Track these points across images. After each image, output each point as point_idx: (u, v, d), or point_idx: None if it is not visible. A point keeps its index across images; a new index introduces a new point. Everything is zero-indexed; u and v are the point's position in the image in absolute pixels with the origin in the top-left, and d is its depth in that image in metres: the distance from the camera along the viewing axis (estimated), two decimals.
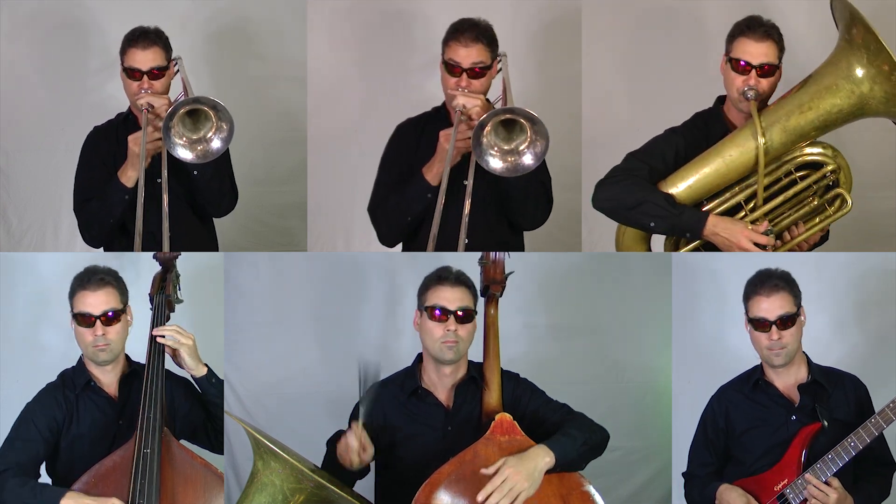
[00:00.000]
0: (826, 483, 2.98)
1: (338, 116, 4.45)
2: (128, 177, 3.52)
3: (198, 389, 3.15)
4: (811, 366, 3.17)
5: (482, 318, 3.09)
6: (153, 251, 3.37)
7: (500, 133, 3.24)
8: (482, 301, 3.12)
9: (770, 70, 3.32)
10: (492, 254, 3.12)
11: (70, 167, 3.73)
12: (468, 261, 3.17)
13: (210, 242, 3.80)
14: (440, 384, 3.11)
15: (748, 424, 3.17)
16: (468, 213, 3.30)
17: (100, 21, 4.42)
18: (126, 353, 3.18)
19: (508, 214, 3.53)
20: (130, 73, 3.58)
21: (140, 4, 4.24)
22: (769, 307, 3.09)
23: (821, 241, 3.50)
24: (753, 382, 3.19)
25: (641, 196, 3.32)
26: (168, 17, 3.96)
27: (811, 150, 3.34)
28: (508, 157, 3.23)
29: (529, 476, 2.83)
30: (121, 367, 3.16)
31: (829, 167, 3.33)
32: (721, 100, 3.48)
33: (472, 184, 3.33)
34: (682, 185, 3.36)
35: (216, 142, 3.40)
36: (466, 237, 3.39)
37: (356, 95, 4.46)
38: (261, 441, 2.83)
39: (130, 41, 3.59)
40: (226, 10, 4.48)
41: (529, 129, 3.21)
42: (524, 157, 3.22)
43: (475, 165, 3.31)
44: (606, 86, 4.38)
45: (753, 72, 3.30)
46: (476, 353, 3.12)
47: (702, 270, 3.77)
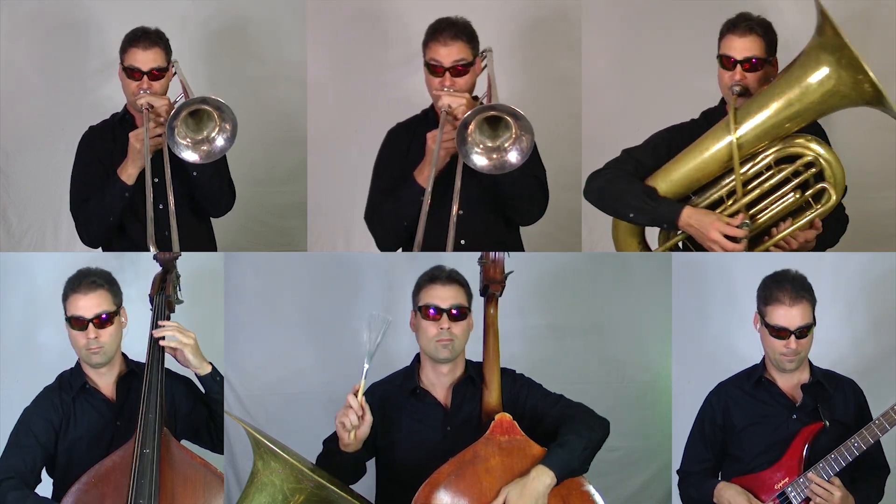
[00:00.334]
0: (829, 482, 2.98)
1: (338, 116, 4.45)
2: (128, 174, 3.52)
3: (199, 389, 3.16)
4: (813, 367, 3.17)
5: (482, 318, 3.10)
6: (159, 251, 3.37)
7: (486, 131, 3.24)
8: (482, 301, 3.12)
9: (756, 65, 3.34)
10: (491, 253, 3.12)
11: (70, 167, 3.72)
12: (468, 260, 3.17)
13: (208, 242, 3.80)
14: (438, 384, 3.11)
15: (748, 421, 3.17)
16: (457, 214, 3.28)
17: (99, 21, 4.42)
18: (123, 353, 3.19)
19: (505, 210, 3.53)
20: (130, 73, 3.58)
21: (139, 4, 4.24)
22: (791, 317, 3.08)
23: (829, 244, 3.49)
24: (755, 380, 3.19)
25: (622, 188, 3.37)
26: (167, 18, 3.97)
27: (792, 143, 3.31)
28: (493, 155, 3.24)
29: (534, 501, 2.84)
30: (118, 369, 3.16)
31: (806, 159, 3.30)
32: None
33: (464, 183, 3.32)
34: (667, 180, 3.39)
35: (220, 141, 3.40)
36: (462, 238, 3.39)
37: (356, 95, 4.46)
38: (261, 441, 2.83)
39: (132, 41, 3.59)
40: (225, 10, 4.48)
41: (514, 126, 3.21)
42: (509, 155, 3.23)
43: (466, 166, 3.31)
44: (606, 85, 4.38)
45: (738, 67, 3.34)
46: (476, 353, 3.12)
47: (702, 270, 3.77)
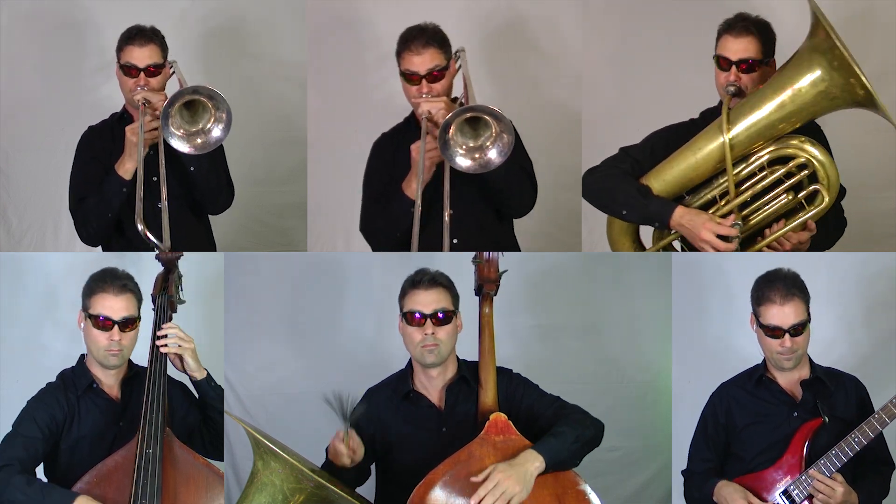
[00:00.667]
0: (831, 478, 2.99)
1: (338, 116, 4.45)
2: (125, 169, 3.52)
3: (193, 394, 3.16)
4: (813, 364, 3.17)
5: (476, 318, 3.09)
6: (151, 249, 3.37)
7: (467, 132, 3.26)
8: (476, 300, 3.12)
9: (752, 65, 3.34)
10: (485, 253, 3.12)
11: (70, 167, 3.72)
12: (461, 260, 3.17)
13: (207, 240, 3.80)
14: (430, 386, 3.11)
15: (749, 420, 3.17)
16: (450, 214, 3.30)
17: (97, 21, 4.41)
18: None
19: (496, 206, 3.53)
20: (127, 70, 3.58)
21: (137, 4, 4.23)
22: (784, 315, 3.08)
23: (826, 246, 3.49)
24: (756, 379, 3.19)
25: (616, 185, 3.39)
26: (166, 17, 3.97)
27: (786, 144, 3.31)
28: (476, 154, 3.25)
29: (521, 480, 2.83)
30: (123, 370, 3.16)
31: (799, 160, 3.30)
32: None
33: (452, 183, 3.33)
34: (660, 179, 3.39)
35: (215, 132, 3.40)
36: (454, 238, 3.39)
37: (356, 95, 4.45)
38: (261, 441, 2.83)
39: (127, 39, 3.60)
40: (223, 10, 4.47)
41: (493, 124, 3.22)
42: (490, 153, 3.24)
43: (451, 168, 3.32)
44: (606, 85, 4.38)
45: (734, 67, 3.34)
46: (471, 353, 3.11)
47: (702, 270, 3.77)
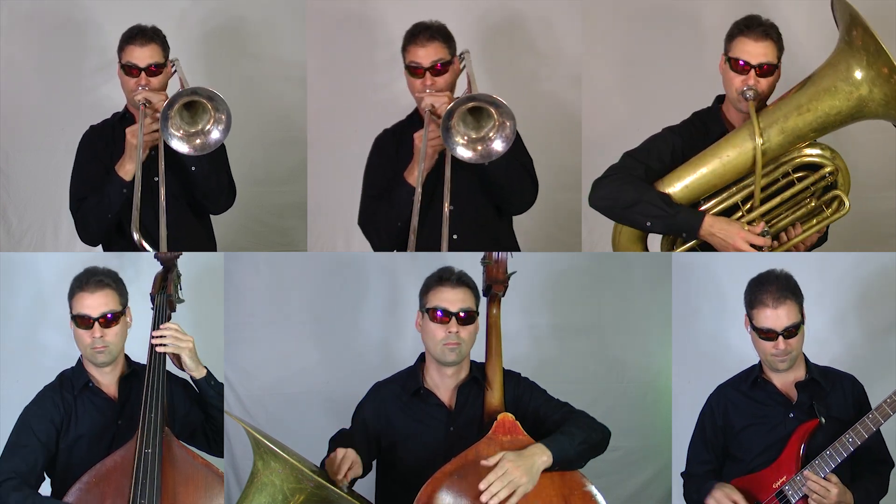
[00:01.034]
0: (825, 479, 2.99)
1: (338, 116, 4.45)
2: (126, 170, 3.52)
3: (196, 391, 3.16)
4: (809, 364, 3.17)
5: (484, 318, 3.10)
6: (153, 249, 3.37)
7: (469, 122, 3.26)
8: (484, 301, 3.12)
9: (769, 70, 3.31)
10: (494, 253, 3.13)
11: (70, 167, 3.72)
12: (470, 260, 3.17)
13: (208, 240, 3.80)
14: (442, 385, 3.11)
15: (746, 422, 3.17)
16: (450, 209, 3.31)
17: (98, 21, 4.42)
18: (126, 354, 3.19)
19: (496, 202, 3.53)
20: (128, 70, 3.58)
21: (138, 4, 4.23)
22: (777, 318, 3.07)
23: (819, 242, 3.50)
24: (752, 380, 3.19)
25: (638, 195, 3.32)
26: (166, 17, 3.96)
27: (809, 152, 3.33)
28: (478, 145, 3.26)
29: (528, 471, 2.84)
30: (120, 368, 3.16)
31: (827, 169, 3.32)
32: (720, 99, 3.48)
33: (453, 178, 3.34)
34: (679, 185, 3.36)
35: (214, 133, 3.40)
36: (454, 233, 3.39)
37: (356, 95, 4.46)
38: (261, 441, 2.82)
39: (129, 38, 3.60)
40: (223, 10, 4.48)
41: (495, 114, 3.23)
42: (494, 143, 3.24)
43: (454, 160, 3.33)
44: (606, 86, 4.38)
45: (752, 71, 3.30)
46: (478, 353, 3.12)
47: (702, 270, 3.77)
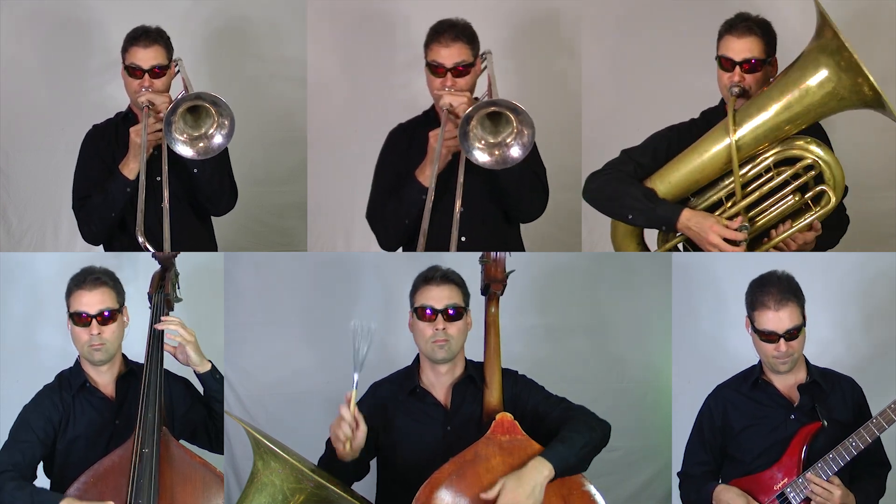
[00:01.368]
0: (828, 481, 2.98)
1: (338, 116, 4.45)
2: (130, 169, 3.53)
3: (197, 389, 3.17)
4: (809, 366, 3.17)
5: (482, 317, 3.09)
6: (153, 249, 3.37)
7: (487, 127, 3.25)
8: (483, 300, 3.12)
9: (755, 65, 3.32)
10: (493, 253, 3.12)
11: (70, 167, 3.73)
12: (469, 260, 3.17)
13: (209, 241, 3.80)
14: (438, 384, 3.11)
15: (747, 423, 3.16)
16: (460, 211, 3.30)
17: (101, 21, 4.42)
18: (123, 353, 3.19)
19: (506, 208, 3.53)
20: (132, 71, 3.58)
21: (140, 4, 4.24)
22: (778, 321, 3.06)
23: (830, 245, 3.49)
24: (752, 381, 3.18)
25: (621, 189, 3.36)
26: (168, 17, 3.96)
27: (792, 145, 3.30)
28: (495, 150, 3.25)
29: (530, 495, 2.82)
30: (117, 368, 3.17)
31: (806, 161, 3.29)
32: None
33: (466, 181, 3.34)
34: (665, 182, 3.38)
35: (218, 138, 3.41)
36: (463, 235, 3.39)
37: (356, 95, 4.46)
38: (261, 441, 2.82)
39: (133, 39, 3.60)
40: (225, 10, 4.48)
41: (515, 121, 3.22)
42: (511, 150, 3.24)
43: (467, 162, 3.32)
44: (606, 85, 4.38)
45: (737, 68, 3.32)
46: (476, 352, 3.12)
47: (702, 270, 3.77)
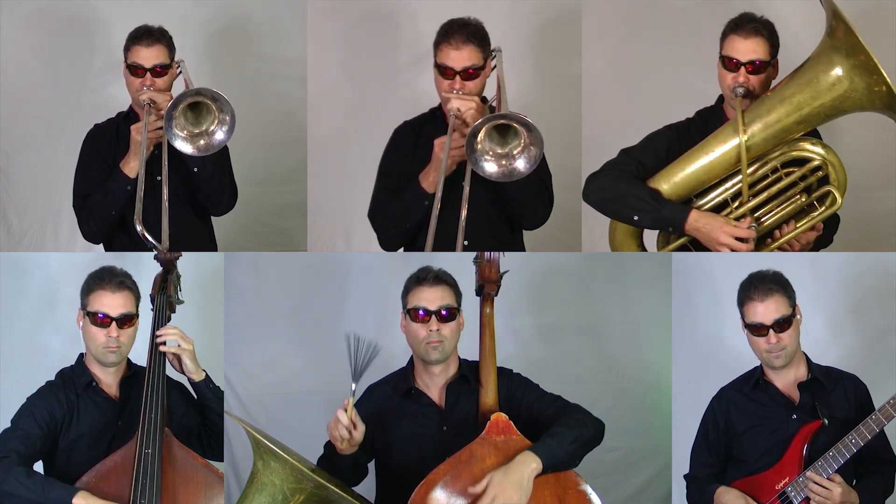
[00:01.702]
0: (828, 479, 2.99)
1: (338, 116, 4.45)
2: (130, 167, 3.53)
3: (192, 395, 3.16)
4: (811, 365, 3.17)
5: (477, 318, 3.09)
6: (152, 239, 3.37)
7: (495, 137, 3.21)
8: (477, 300, 3.11)
9: (760, 67, 3.31)
10: (486, 253, 3.12)
11: (70, 167, 3.73)
12: (463, 261, 3.17)
13: (209, 241, 3.81)
14: (432, 384, 3.11)
15: (749, 424, 3.17)
16: (466, 217, 3.27)
17: (103, 21, 4.42)
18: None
19: (510, 215, 3.52)
20: (133, 70, 3.59)
21: (141, 4, 4.23)
22: (765, 312, 3.09)
23: (825, 244, 3.49)
24: (754, 382, 3.19)
25: (625, 189, 3.34)
26: (169, 17, 3.96)
27: (798, 146, 3.30)
28: (502, 161, 3.21)
29: (518, 488, 2.82)
30: (122, 369, 3.16)
31: (815, 163, 3.30)
32: (722, 97, 3.47)
33: (470, 187, 3.31)
34: (669, 181, 3.36)
35: (219, 134, 3.41)
36: (466, 240, 3.38)
37: (356, 95, 4.46)
38: (261, 441, 2.83)
39: (135, 39, 3.61)
40: (226, 10, 4.48)
41: (524, 134, 3.18)
42: (517, 162, 3.20)
43: (471, 169, 3.29)
44: (606, 86, 4.38)
45: (742, 69, 3.31)
46: (472, 352, 3.11)
47: (701, 270, 3.77)
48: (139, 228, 3.34)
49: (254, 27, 4.47)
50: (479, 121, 3.16)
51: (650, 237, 3.53)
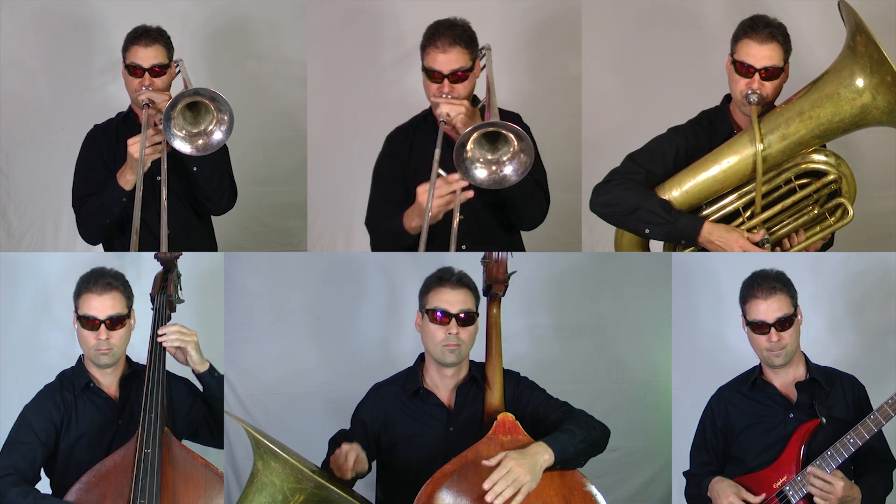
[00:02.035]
0: (831, 475, 2.98)
1: (338, 116, 4.45)
2: (126, 180, 3.52)
3: (197, 388, 3.17)
4: (809, 365, 3.17)
5: (484, 318, 3.09)
6: (153, 249, 3.38)
7: (484, 144, 3.14)
8: (484, 301, 3.11)
9: (774, 73, 3.26)
10: (494, 253, 3.11)
11: (70, 167, 3.73)
12: (470, 261, 3.17)
13: (209, 241, 3.81)
14: (442, 385, 3.11)
15: (747, 422, 3.17)
16: (460, 223, 3.19)
17: (102, 21, 4.42)
18: (126, 355, 3.18)
19: (506, 215, 3.48)
20: (132, 70, 3.59)
21: (141, 4, 4.24)
22: (767, 310, 3.09)
23: (824, 247, 3.48)
24: (752, 382, 3.19)
25: (637, 202, 3.29)
26: (169, 17, 3.97)
27: (814, 158, 3.28)
28: (493, 167, 3.14)
29: (531, 470, 2.83)
30: (121, 369, 3.17)
31: (831, 177, 3.28)
32: (728, 98, 3.44)
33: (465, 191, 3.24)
34: (679, 190, 3.33)
35: (217, 134, 3.41)
36: (463, 244, 3.36)
37: (355, 95, 4.46)
38: (261, 441, 2.83)
39: (133, 39, 3.60)
40: (226, 10, 4.48)
41: (514, 141, 3.11)
42: (507, 169, 3.13)
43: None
44: (606, 86, 4.37)
45: (756, 75, 3.25)
46: (478, 353, 3.12)
47: (702, 270, 3.77)
48: (134, 239, 3.35)
49: (253, 27, 4.47)
50: (467, 130, 3.08)
51: (655, 243, 3.52)
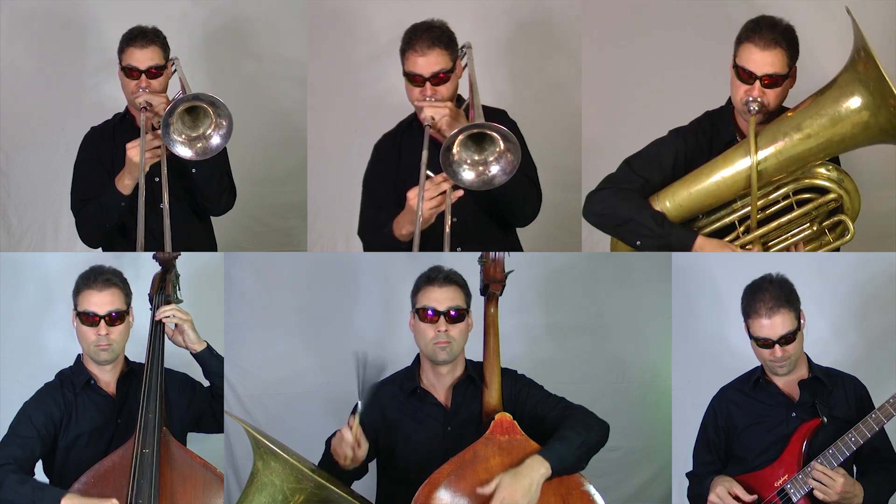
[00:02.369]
0: (833, 471, 2.98)
1: (338, 116, 4.45)
2: (124, 185, 3.51)
3: (196, 380, 3.19)
4: (811, 365, 3.17)
5: (482, 318, 3.09)
6: (154, 250, 3.38)
7: (470, 145, 3.11)
8: (482, 300, 3.11)
9: (776, 81, 3.14)
10: (491, 253, 3.11)
11: (70, 167, 3.73)
12: (467, 260, 3.17)
13: (208, 241, 3.81)
14: (438, 384, 3.11)
15: (748, 421, 3.17)
16: (453, 225, 3.20)
17: (99, 21, 4.42)
18: (124, 354, 3.19)
19: (499, 212, 3.47)
20: (128, 72, 3.58)
21: (139, 4, 4.24)
22: (772, 328, 3.05)
23: None
24: (754, 381, 3.19)
25: (629, 214, 3.23)
26: (167, 17, 3.97)
27: (815, 174, 3.19)
28: (479, 168, 3.12)
29: (527, 492, 2.82)
30: (120, 367, 3.18)
31: (832, 196, 3.20)
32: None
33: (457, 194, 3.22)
34: (673, 202, 3.27)
35: (215, 138, 3.41)
36: (458, 246, 3.36)
37: (358, 95, 4.46)
38: (261, 441, 2.83)
39: (129, 40, 3.59)
40: (225, 10, 4.48)
41: (500, 141, 3.09)
42: (493, 168, 3.11)
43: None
44: (606, 86, 4.37)
45: (757, 82, 3.14)
46: (476, 352, 3.12)
47: (701, 270, 3.76)
48: (140, 239, 3.35)
49: (253, 27, 4.47)
50: (452, 133, 3.06)
51: None
